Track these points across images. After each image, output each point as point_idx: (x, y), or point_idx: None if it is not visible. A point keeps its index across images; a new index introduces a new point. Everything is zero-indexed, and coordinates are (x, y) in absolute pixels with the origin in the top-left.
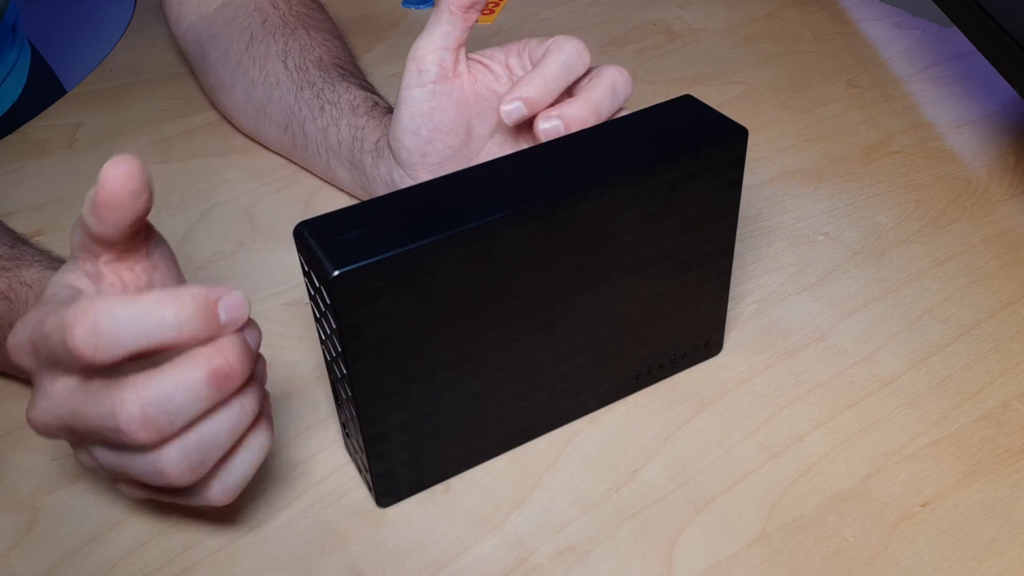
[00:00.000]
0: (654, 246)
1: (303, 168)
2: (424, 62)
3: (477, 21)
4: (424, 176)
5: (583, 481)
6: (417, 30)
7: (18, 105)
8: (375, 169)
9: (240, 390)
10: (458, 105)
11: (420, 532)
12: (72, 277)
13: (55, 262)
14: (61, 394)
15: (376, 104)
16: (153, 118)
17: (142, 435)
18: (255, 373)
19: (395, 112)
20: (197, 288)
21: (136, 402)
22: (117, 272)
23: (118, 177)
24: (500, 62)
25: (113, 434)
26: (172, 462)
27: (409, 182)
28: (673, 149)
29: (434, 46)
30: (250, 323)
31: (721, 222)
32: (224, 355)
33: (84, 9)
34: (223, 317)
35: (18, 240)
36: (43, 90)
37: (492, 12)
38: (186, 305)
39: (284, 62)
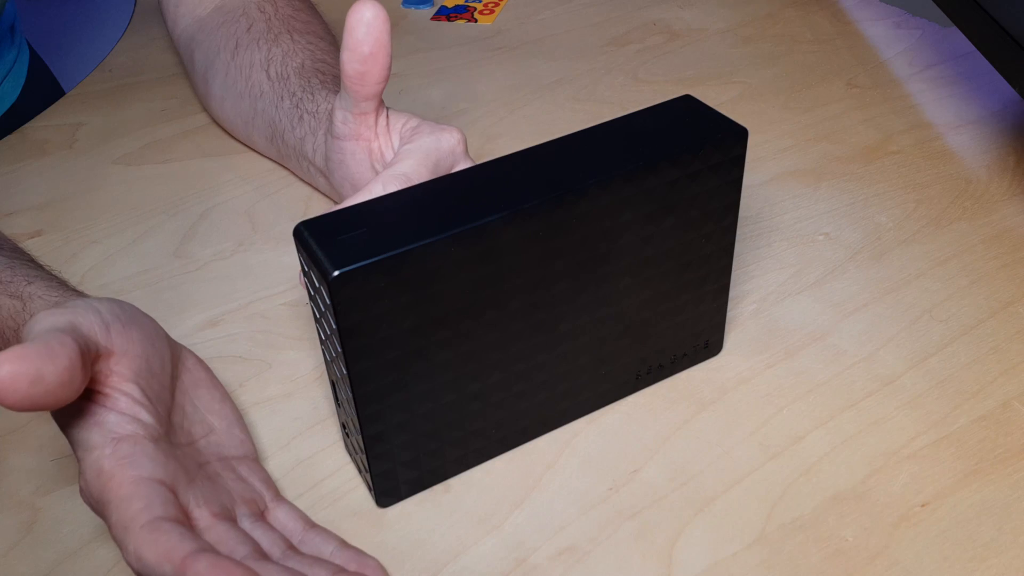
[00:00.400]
0: (654, 246)
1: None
2: (333, 117)
3: (381, 92)
4: None
5: (583, 481)
6: (417, 31)
7: (16, 106)
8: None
9: None
10: (362, 165)
11: (420, 532)
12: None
13: (16, 281)
14: None
15: None
16: (152, 118)
17: None
18: None
19: None
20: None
21: None
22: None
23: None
24: (397, 132)
25: None
26: None
27: None
28: (673, 149)
29: (339, 105)
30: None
31: (721, 222)
32: None
33: (84, 9)
34: None
35: None
36: (41, 91)
37: (492, 12)
38: None
39: (267, 71)
